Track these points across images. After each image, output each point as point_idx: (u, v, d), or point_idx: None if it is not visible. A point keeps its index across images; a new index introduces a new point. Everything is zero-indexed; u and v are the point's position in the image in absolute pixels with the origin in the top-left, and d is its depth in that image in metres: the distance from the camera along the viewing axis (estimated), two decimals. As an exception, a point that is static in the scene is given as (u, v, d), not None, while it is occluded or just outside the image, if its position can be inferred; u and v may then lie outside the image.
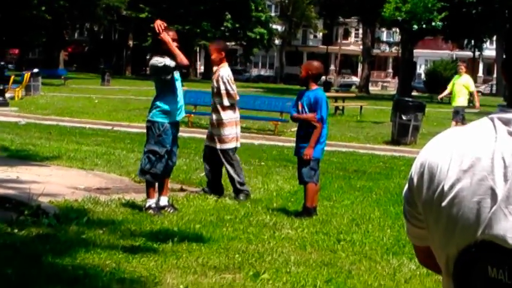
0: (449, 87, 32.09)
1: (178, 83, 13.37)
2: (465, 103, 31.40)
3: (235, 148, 15.35)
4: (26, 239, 10.49)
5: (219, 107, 14.86)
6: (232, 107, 15.07)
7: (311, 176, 13.48)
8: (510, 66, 2.81)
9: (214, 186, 15.15)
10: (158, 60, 13.17)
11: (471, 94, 31.58)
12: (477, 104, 31.83)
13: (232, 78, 15.19)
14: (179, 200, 14.09)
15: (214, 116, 14.86)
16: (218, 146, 14.96)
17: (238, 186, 15.18)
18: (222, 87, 14.86)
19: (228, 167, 15.15)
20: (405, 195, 3.02)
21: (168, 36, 13.12)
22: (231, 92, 14.99)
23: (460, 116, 31.22)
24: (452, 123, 30.75)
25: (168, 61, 13.03)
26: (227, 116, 14.94)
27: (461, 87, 30.73)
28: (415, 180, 2.94)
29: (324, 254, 10.75)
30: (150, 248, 10.31)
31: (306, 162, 13.37)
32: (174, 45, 13.08)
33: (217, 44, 15.24)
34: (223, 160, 15.07)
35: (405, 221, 3.12)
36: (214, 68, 15.05)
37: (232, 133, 15.11)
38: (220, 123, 14.88)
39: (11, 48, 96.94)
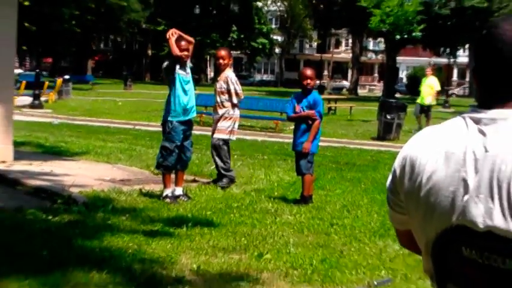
0: (420, 88, 32.74)
1: (189, 86, 13.37)
2: (433, 102, 32.08)
3: (229, 140, 15.42)
4: (59, 224, 10.50)
5: (227, 103, 14.91)
6: (236, 104, 15.20)
7: (308, 168, 13.55)
8: (479, 72, 2.86)
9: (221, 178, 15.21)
10: (164, 63, 13.36)
11: (435, 93, 32.36)
12: (433, 102, 32.68)
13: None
14: (192, 190, 14.09)
15: (220, 112, 14.85)
16: (214, 135, 15.02)
17: (222, 171, 15.29)
18: (232, 87, 14.97)
19: (215, 154, 15.28)
20: (389, 185, 3.08)
21: (172, 37, 13.30)
22: (239, 91, 15.19)
23: (429, 113, 32.06)
24: (424, 123, 31.36)
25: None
26: (232, 112, 15.04)
27: (428, 87, 31.54)
28: (398, 172, 2.97)
29: (319, 236, 10.75)
30: (167, 232, 10.32)
31: (304, 155, 13.44)
32: (173, 41, 13.24)
33: (228, 51, 15.24)
34: (212, 147, 15.28)
35: (388, 208, 3.16)
36: (222, 72, 15.05)
37: (230, 126, 15.22)
38: (224, 118, 14.94)
39: (45, 57, 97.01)
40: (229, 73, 15.11)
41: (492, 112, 2.77)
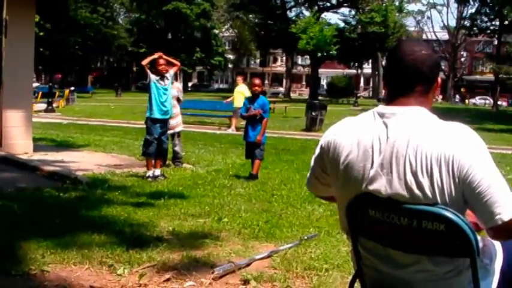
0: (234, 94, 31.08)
1: (167, 92, 13.31)
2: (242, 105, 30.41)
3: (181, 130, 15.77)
4: (68, 199, 10.42)
5: (176, 105, 14.90)
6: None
7: (261, 154, 13.75)
8: (386, 78, 3.05)
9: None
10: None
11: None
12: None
13: None
14: (168, 171, 14.04)
15: (173, 111, 14.75)
16: (171, 130, 14.95)
17: (180, 158, 15.57)
18: (180, 95, 15.23)
19: (178, 143, 15.44)
20: (316, 159, 3.23)
21: (154, 56, 13.53)
22: (182, 98, 15.59)
23: (238, 114, 30.54)
24: (233, 120, 30.67)
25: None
26: (178, 110, 15.13)
27: (239, 93, 29.50)
28: (325, 149, 3.10)
29: (263, 204, 10.75)
30: (149, 203, 10.26)
31: (258, 145, 13.59)
32: (151, 57, 13.55)
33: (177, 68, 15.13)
34: (176, 139, 15.36)
35: (311, 179, 3.38)
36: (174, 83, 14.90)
37: (180, 120, 15.62)
38: (176, 115, 15.02)
39: (56, 74, 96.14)
40: (179, 84, 15.30)
41: (393, 108, 2.91)
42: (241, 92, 29.94)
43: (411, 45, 3.01)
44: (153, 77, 13.17)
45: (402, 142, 2.79)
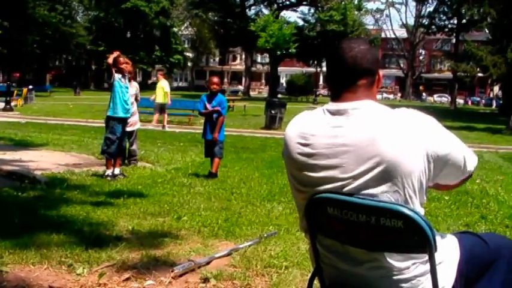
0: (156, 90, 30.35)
1: (128, 90, 13.28)
2: (163, 100, 29.61)
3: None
4: (27, 199, 10.32)
5: (134, 103, 14.83)
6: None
7: (220, 153, 13.68)
8: (329, 76, 3.11)
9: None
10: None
11: (166, 93, 29.55)
12: (168, 101, 30.07)
13: None
14: (127, 170, 13.98)
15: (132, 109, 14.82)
16: (129, 128, 14.88)
17: (136, 156, 15.63)
18: (138, 94, 15.38)
19: (134, 142, 15.51)
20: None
21: (113, 55, 13.38)
22: (139, 96, 15.74)
23: (161, 109, 30.19)
24: (155, 116, 30.64)
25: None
26: (135, 108, 15.21)
27: (160, 89, 29.70)
28: (284, 149, 3.11)
29: (222, 202, 10.73)
30: (109, 202, 10.20)
31: (216, 143, 13.52)
32: (113, 55, 13.34)
33: (134, 67, 15.07)
34: (133, 137, 15.36)
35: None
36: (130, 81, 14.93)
37: (138, 119, 15.78)
38: (134, 114, 15.03)
39: (14, 72, 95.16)
40: (135, 83, 15.23)
41: (343, 104, 2.94)
42: (162, 88, 29.62)
43: (349, 42, 3.08)
44: (117, 76, 13.11)
45: (354, 137, 2.81)
